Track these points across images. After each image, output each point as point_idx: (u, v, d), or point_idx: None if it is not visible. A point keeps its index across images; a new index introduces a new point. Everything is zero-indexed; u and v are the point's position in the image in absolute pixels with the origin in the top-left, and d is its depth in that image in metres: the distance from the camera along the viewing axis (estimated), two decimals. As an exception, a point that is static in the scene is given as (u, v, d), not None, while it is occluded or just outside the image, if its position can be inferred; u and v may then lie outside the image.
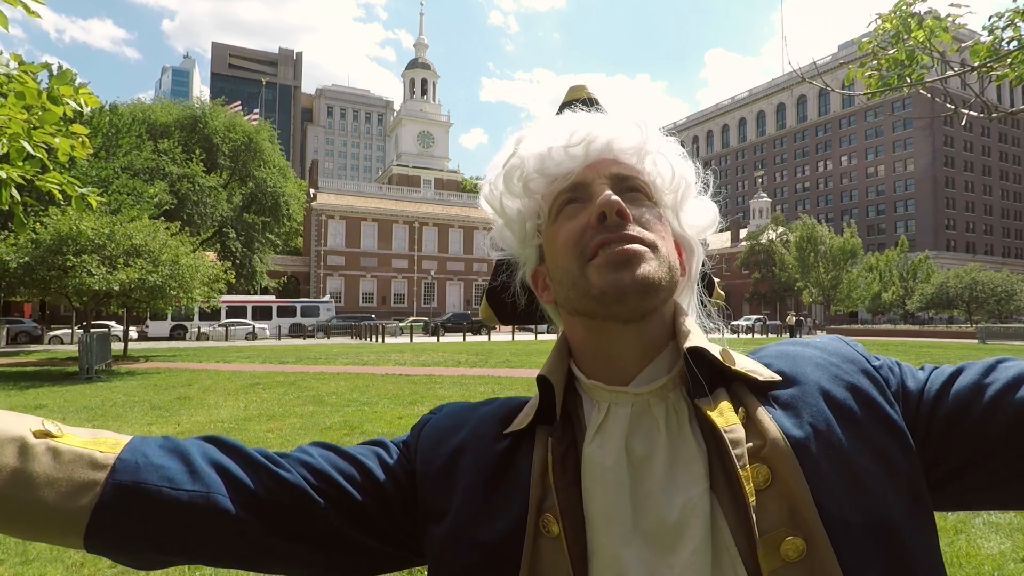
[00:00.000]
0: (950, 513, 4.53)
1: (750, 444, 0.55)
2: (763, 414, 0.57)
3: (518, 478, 0.61)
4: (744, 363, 0.62)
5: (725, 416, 0.56)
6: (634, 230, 0.60)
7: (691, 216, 0.69)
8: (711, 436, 0.57)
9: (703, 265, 0.73)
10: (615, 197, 0.59)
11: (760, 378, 0.60)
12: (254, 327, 36.84)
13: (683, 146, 0.71)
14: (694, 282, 0.70)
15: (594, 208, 0.60)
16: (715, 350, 0.62)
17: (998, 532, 4.16)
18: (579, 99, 0.75)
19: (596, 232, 0.60)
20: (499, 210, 0.69)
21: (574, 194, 0.63)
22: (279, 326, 39.94)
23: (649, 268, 0.58)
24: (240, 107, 48.38)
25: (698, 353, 0.59)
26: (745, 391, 0.60)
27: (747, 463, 0.53)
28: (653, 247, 0.60)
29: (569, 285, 0.61)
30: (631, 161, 0.65)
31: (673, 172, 0.66)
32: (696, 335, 0.61)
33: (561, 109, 0.75)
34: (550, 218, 0.65)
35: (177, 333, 37.05)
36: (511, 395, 0.75)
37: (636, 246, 0.59)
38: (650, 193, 0.65)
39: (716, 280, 0.76)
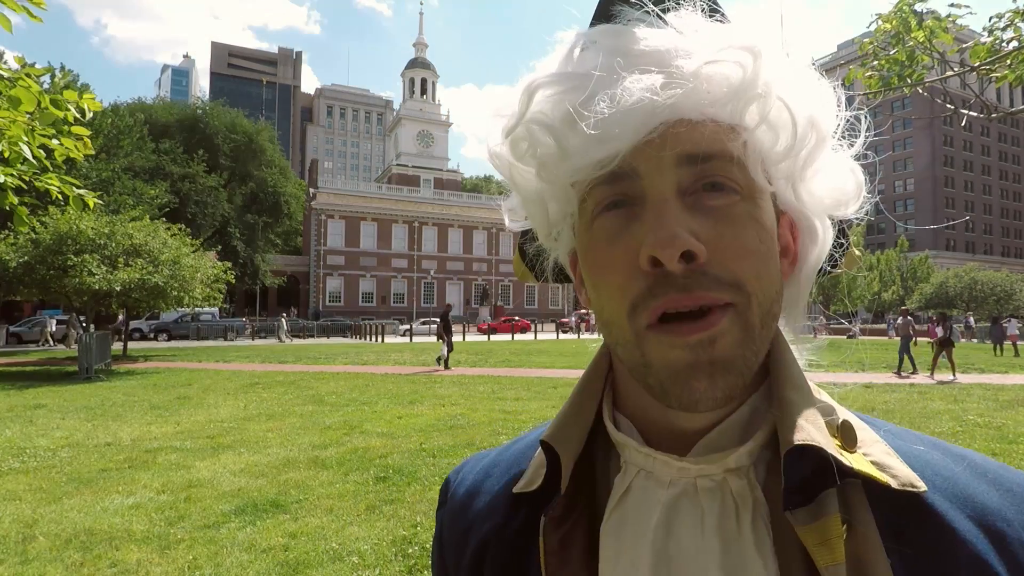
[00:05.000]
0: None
1: None
2: (878, 554, 0.37)
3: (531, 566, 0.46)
4: (871, 446, 0.42)
5: (831, 548, 0.36)
6: (708, 289, 0.38)
7: (819, 185, 0.45)
8: (784, 552, 0.39)
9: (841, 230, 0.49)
10: (677, 232, 0.37)
11: (893, 484, 0.39)
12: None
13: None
14: (809, 280, 0.48)
15: (646, 245, 0.38)
16: (829, 416, 0.42)
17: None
18: None
19: (652, 284, 0.39)
20: (511, 183, 0.49)
21: (617, 191, 0.41)
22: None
23: (726, 360, 0.39)
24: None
25: (806, 450, 0.38)
26: (861, 498, 0.39)
27: None
28: (738, 290, 0.39)
29: (615, 339, 0.42)
30: (721, 118, 0.40)
31: (795, 124, 0.41)
32: (801, 397, 0.41)
33: (604, 8, 0.47)
34: (582, 218, 0.44)
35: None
36: (510, 394, 0.64)
37: (710, 328, 0.38)
38: (743, 179, 0.40)
39: (853, 226, 0.51)
